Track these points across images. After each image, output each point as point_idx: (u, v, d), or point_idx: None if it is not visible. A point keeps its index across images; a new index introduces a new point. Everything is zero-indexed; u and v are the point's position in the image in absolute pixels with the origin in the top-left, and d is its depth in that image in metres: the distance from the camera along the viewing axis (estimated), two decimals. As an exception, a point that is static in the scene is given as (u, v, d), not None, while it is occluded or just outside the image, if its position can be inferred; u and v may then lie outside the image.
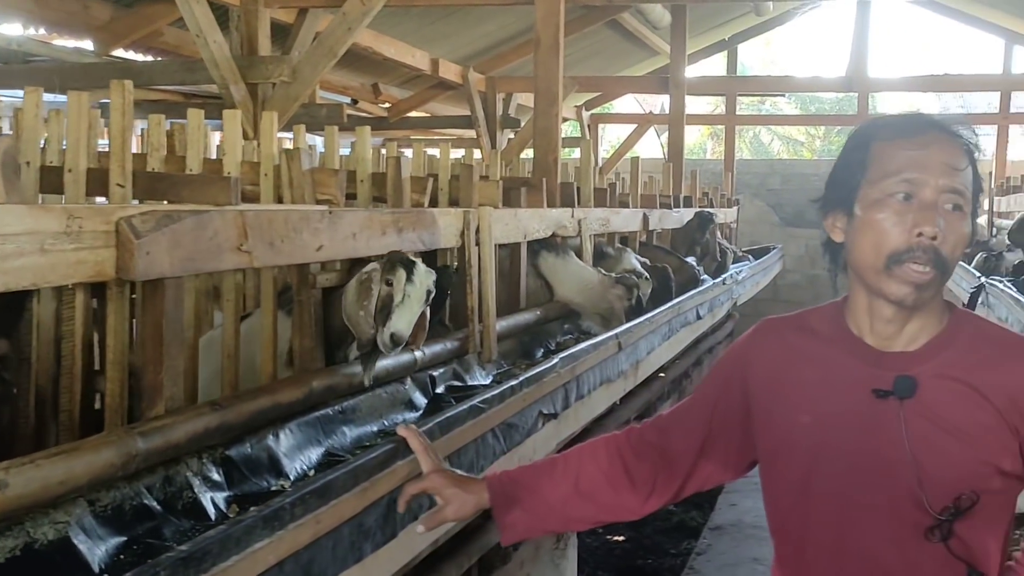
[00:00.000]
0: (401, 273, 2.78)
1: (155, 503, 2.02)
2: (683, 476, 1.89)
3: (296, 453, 2.58)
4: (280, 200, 3.20)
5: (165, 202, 2.82)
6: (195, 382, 2.82)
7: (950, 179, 1.61)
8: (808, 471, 1.71)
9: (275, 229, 2.46)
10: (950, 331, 1.69)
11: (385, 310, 2.76)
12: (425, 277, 2.85)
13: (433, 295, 2.91)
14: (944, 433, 1.61)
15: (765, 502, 1.83)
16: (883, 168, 1.64)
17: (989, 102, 17.96)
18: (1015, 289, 6.00)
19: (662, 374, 6.04)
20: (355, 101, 11.85)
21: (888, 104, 24.01)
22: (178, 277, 2.23)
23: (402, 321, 2.75)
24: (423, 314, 2.90)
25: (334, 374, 2.86)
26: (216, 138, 6.56)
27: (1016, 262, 6.84)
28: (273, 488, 2.33)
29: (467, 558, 3.08)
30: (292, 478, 2.51)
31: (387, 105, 12.82)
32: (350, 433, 2.85)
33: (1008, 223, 9.26)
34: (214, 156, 4.10)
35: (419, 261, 2.91)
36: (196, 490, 2.14)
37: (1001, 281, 6.51)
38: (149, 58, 9.03)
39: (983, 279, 6.85)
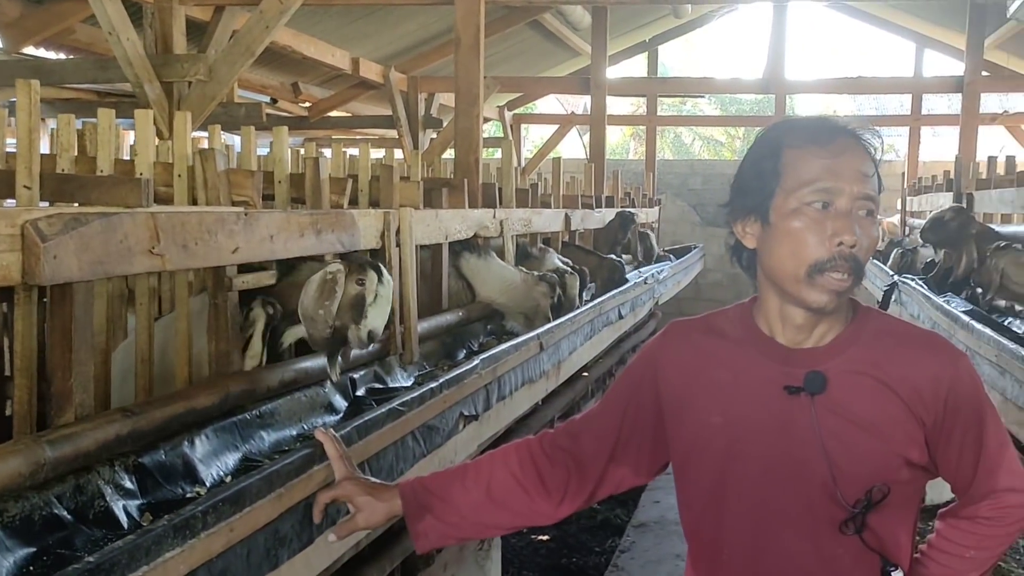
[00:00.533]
0: (373, 275, 2.91)
1: (66, 513, 1.97)
2: (595, 480, 1.90)
3: (212, 459, 2.53)
4: (195, 202, 3.14)
5: (75, 204, 2.76)
6: (107, 388, 2.76)
7: (863, 186, 1.64)
8: (722, 471, 1.73)
9: (188, 231, 2.41)
10: (856, 327, 1.73)
11: (358, 308, 2.87)
12: (390, 279, 3.03)
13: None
14: (854, 427, 1.65)
15: (679, 504, 1.85)
16: (798, 177, 1.66)
17: (901, 104, 18.39)
18: (926, 287, 6.15)
19: (585, 374, 6.08)
20: (274, 100, 11.72)
21: (805, 106, 24.49)
22: (88, 281, 2.17)
23: (379, 319, 2.91)
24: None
25: (252, 377, 2.82)
26: (131, 138, 6.44)
27: (929, 258, 7.02)
28: (188, 495, 2.28)
29: (389, 561, 3.06)
30: (208, 485, 2.47)
31: (307, 104, 12.70)
32: (268, 438, 2.81)
33: (920, 222, 9.50)
34: (128, 157, 4.01)
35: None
36: (108, 499, 2.08)
37: (913, 279, 6.68)
38: (61, 56, 8.82)
39: (896, 277, 7.02)
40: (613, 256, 7.12)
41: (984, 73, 12.91)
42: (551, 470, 1.90)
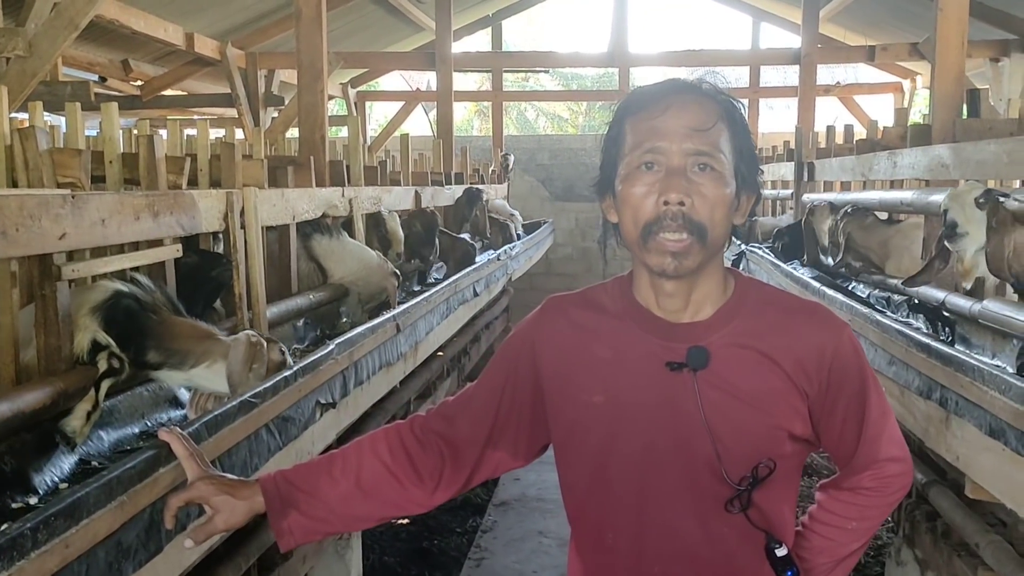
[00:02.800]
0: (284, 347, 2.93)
1: None
2: (471, 465, 1.81)
3: (45, 464, 2.33)
4: (15, 185, 2.89)
5: None
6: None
7: (694, 142, 1.58)
8: (605, 451, 1.65)
9: (7, 216, 2.19)
10: (736, 299, 1.67)
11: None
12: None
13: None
14: (738, 401, 1.60)
15: (562, 488, 1.77)
16: (632, 142, 1.62)
17: (739, 77, 18.85)
18: (773, 255, 6.29)
19: (440, 353, 5.98)
20: (103, 79, 11.14)
21: (648, 80, 24.91)
22: None
23: None
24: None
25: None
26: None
27: (776, 229, 7.18)
28: (15, 506, 2.09)
29: (245, 559, 2.89)
30: (41, 492, 2.27)
31: (139, 83, 12.13)
32: (107, 437, 2.62)
33: (764, 191, 9.74)
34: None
35: None
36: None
37: (760, 248, 6.82)
38: None
39: (743, 246, 7.16)
40: (465, 237, 7.07)
41: (819, 46, 13.32)
42: (424, 456, 1.79)
